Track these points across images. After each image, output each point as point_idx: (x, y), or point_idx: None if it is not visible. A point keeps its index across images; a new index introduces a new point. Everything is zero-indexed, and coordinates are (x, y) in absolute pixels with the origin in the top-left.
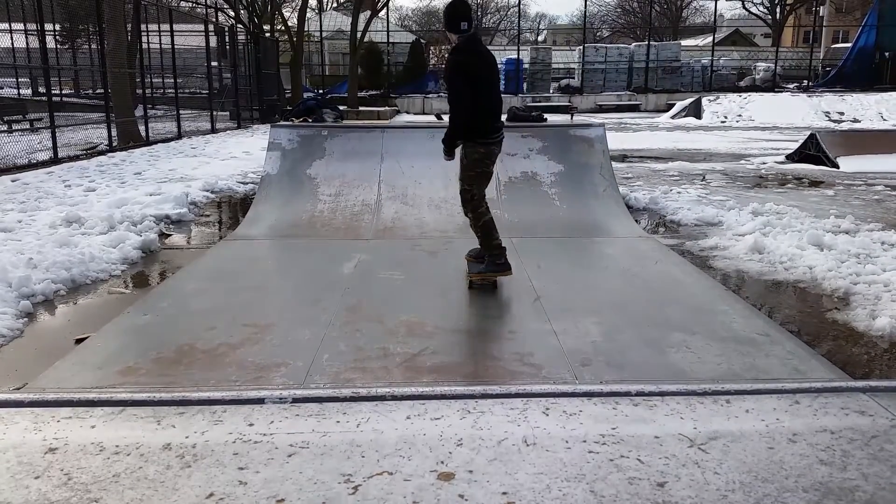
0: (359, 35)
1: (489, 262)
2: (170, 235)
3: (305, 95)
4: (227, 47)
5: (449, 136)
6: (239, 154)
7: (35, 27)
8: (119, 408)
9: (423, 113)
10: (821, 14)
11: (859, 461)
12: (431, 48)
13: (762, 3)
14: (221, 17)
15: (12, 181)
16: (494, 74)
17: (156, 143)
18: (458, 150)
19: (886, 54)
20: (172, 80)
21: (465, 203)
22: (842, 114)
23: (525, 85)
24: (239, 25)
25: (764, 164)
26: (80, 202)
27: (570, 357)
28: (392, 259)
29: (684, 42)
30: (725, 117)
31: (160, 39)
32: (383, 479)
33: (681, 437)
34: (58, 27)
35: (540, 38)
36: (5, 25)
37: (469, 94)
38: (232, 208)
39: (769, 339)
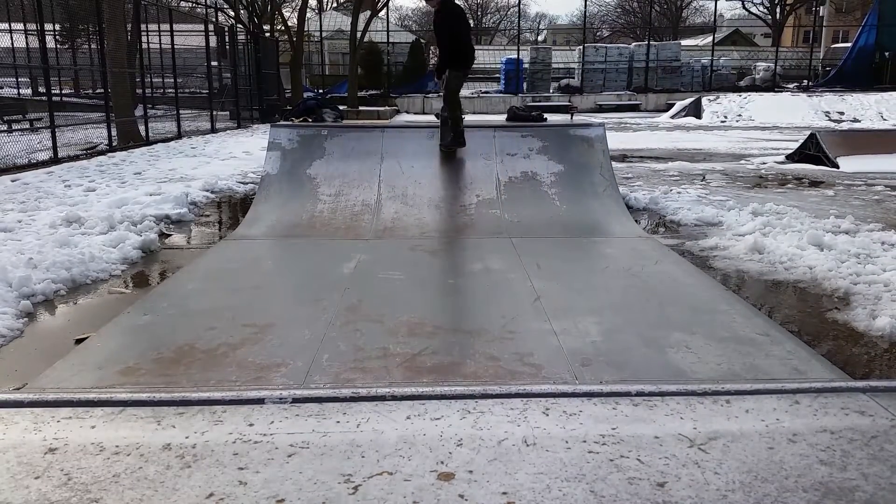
0: (359, 35)
1: (454, 139)
2: (170, 235)
3: (305, 95)
4: (227, 47)
5: (442, 64)
6: (239, 154)
7: (35, 27)
8: (119, 408)
9: (423, 113)
10: (821, 14)
11: (859, 461)
12: (431, 48)
13: (762, 3)
14: (221, 17)
15: (12, 181)
16: (467, 23)
17: (156, 142)
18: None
19: (886, 54)
20: (172, 80)
21: (448, 102)
22: (842, 114)
23: (525, 85)
24: (239, 25)
25: (764, 164)
26: (80, 202)
27: (570, 357)
28: (392, 259)
29: (684, 42)
30: (725, 117)
31: (160, 39)
32: (383, 479)
33: (681, 437)
34: (58, 27)
35: (540, 38)
36: (5, 25)
37: (457, 32)
38: (232, 208)
39: (769, 339)
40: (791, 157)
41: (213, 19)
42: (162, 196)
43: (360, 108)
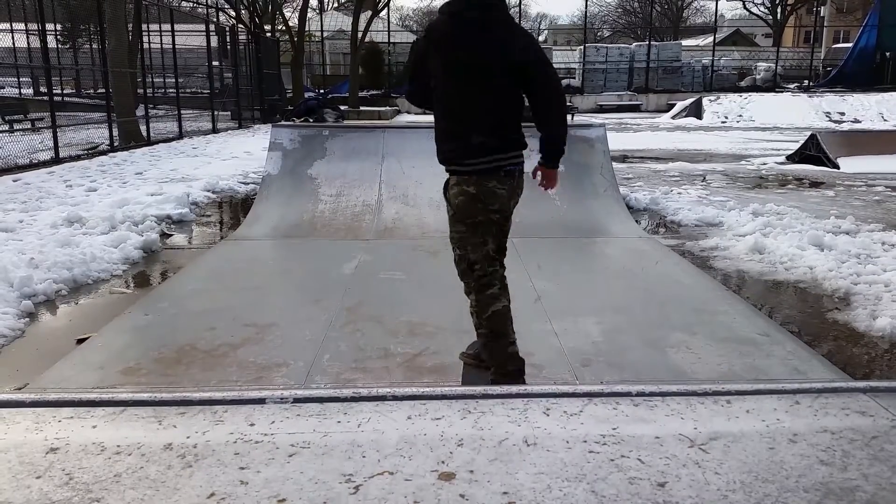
0: (360, 35)
1: (499, 378)
2: (171, 235)
3: (306, 95)
4: (228, 47)
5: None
6: (240, 154)
7: (36, 27)
8: (120, 408)
9: (424, 113)
10: (822, 14)
11: (860, 461)
12: None
13: (763, 4)
14: (222, 17)
15: (14, 181)
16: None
17: (157, 142)
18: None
19: (887, 54)
20: (174, 80)
21: (463, 276)
22: (842, 114)
23: None
24: (240, 25)
25: (764, 164)
26: (82, 202)
27: (570, 357)
28: (393, 259)
29: (685, 42)
30: (726, 117)
31: (161, 39)
32: (384, 479)
33: (681, 437)
34: (59, 27)
35: (541, 39)
36: (6, 25)
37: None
38: (233, 208)
39: (769, 339)
40: (792, 158)
41: (214, 19)
42: (163, 196)
43: (361, 108)
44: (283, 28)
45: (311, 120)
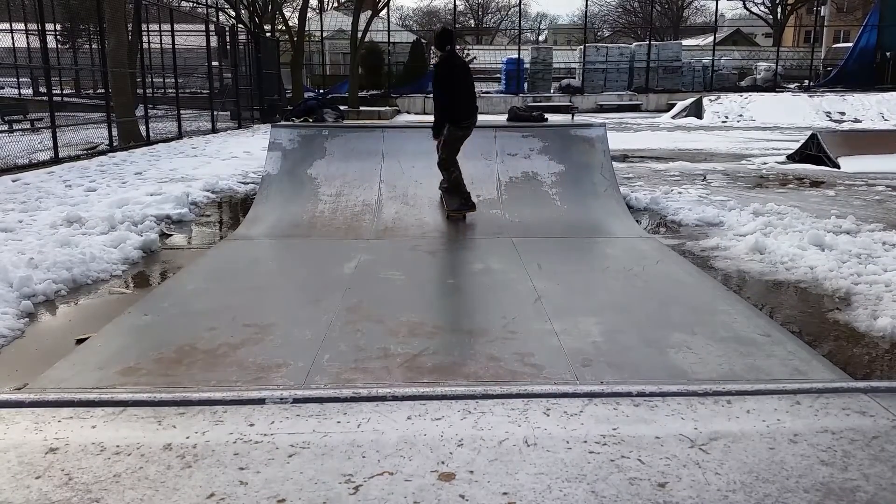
0: (359, 35)
1: (462, 204)
2: (170, 235)
3: (306, 95)
4: (228, 47)
5: (436, 123)
6: (240, 154)
7: (36, 27)
8: (120, 408)
9: (424, 113)
10: (822, 14)
11: (860, 462)
12: (432, 48)
13: (763, 3)
14: (222, 17)
15: (13, 181)
16: (468, 79)
17: (156, 142)
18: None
19: (888, 54)
20: (173, 80)
21: (441, 166)
22: (843, 114)
23: (526, 85)
24: (239, 25)
25: (765, 164)
26: (81, 202)
27: (570, 357)
28: (393, 259)
29: (685, 42)
30: (726, 117)
31: (161, 39)
32: (384, 480)
33: (682, 437)
34: (59, 27)
35: (541, 38)
36: (6, 25)
37: (447, 91)
38: (233, 208)
39: (770, 339)
40: (792, 158)
41: (214, 19)
42: (163, 196)
43: (361, 108)
44: (283, 28)
45: (311, 120)
